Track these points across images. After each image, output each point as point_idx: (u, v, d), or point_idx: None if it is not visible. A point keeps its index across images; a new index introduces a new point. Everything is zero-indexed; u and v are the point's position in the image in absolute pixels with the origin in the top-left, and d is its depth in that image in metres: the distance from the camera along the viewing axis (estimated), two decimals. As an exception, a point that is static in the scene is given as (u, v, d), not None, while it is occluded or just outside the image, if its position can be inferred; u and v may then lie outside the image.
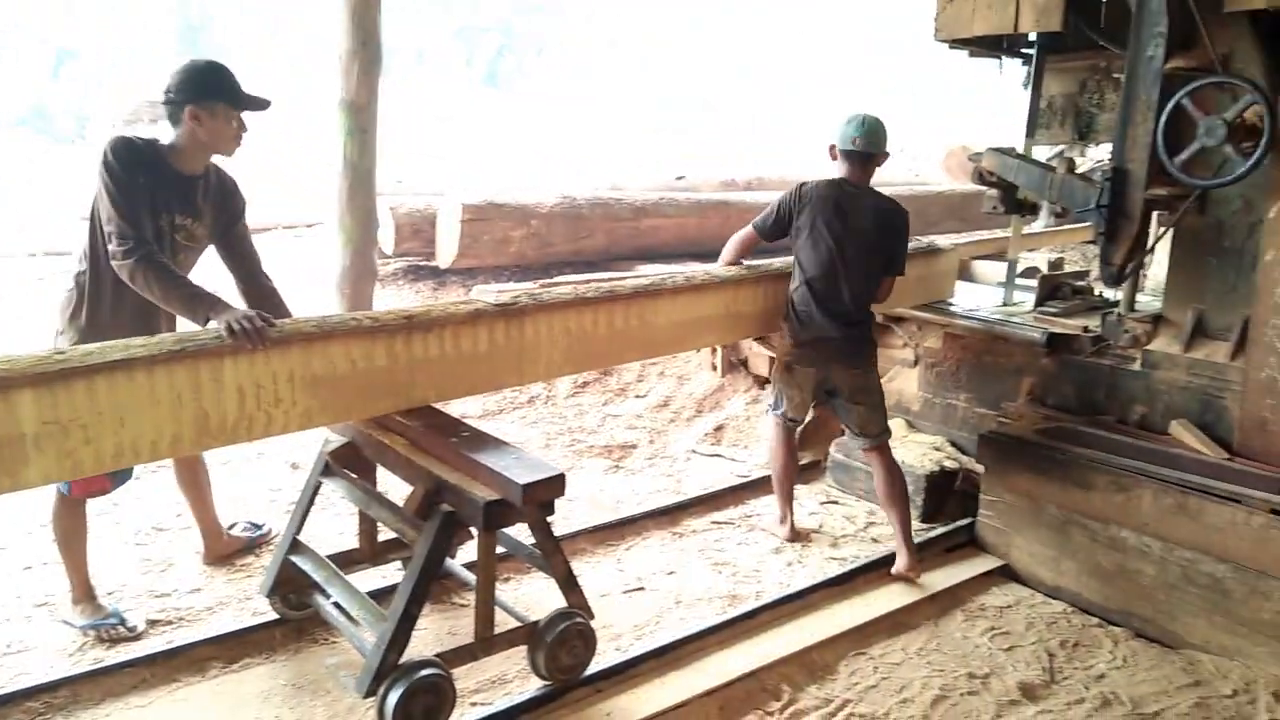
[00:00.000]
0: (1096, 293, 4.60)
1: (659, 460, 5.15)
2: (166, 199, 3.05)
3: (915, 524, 4.14)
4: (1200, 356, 3.65)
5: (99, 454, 2.39)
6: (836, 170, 3.79)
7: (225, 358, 2.54)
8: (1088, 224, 3.93)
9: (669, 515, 4.36)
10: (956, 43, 4.47)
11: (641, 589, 3.71)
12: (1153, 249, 3.85)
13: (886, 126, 3.72)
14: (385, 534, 3.39)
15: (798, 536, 4.12)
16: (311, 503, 3.29)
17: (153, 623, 3.34)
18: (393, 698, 2.58)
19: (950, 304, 4.61)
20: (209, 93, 2.99)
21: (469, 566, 3.32)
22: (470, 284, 6.93)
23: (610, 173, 10.32)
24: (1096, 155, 5.76)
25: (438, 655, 2.76)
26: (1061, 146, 4.84)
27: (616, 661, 3.06)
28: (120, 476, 3.27)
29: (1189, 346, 3.70)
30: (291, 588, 3.25)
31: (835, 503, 4.58)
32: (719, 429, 5.45)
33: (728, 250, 3.99)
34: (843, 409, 3.87)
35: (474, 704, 2.93)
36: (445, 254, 6.96)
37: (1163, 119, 3.39)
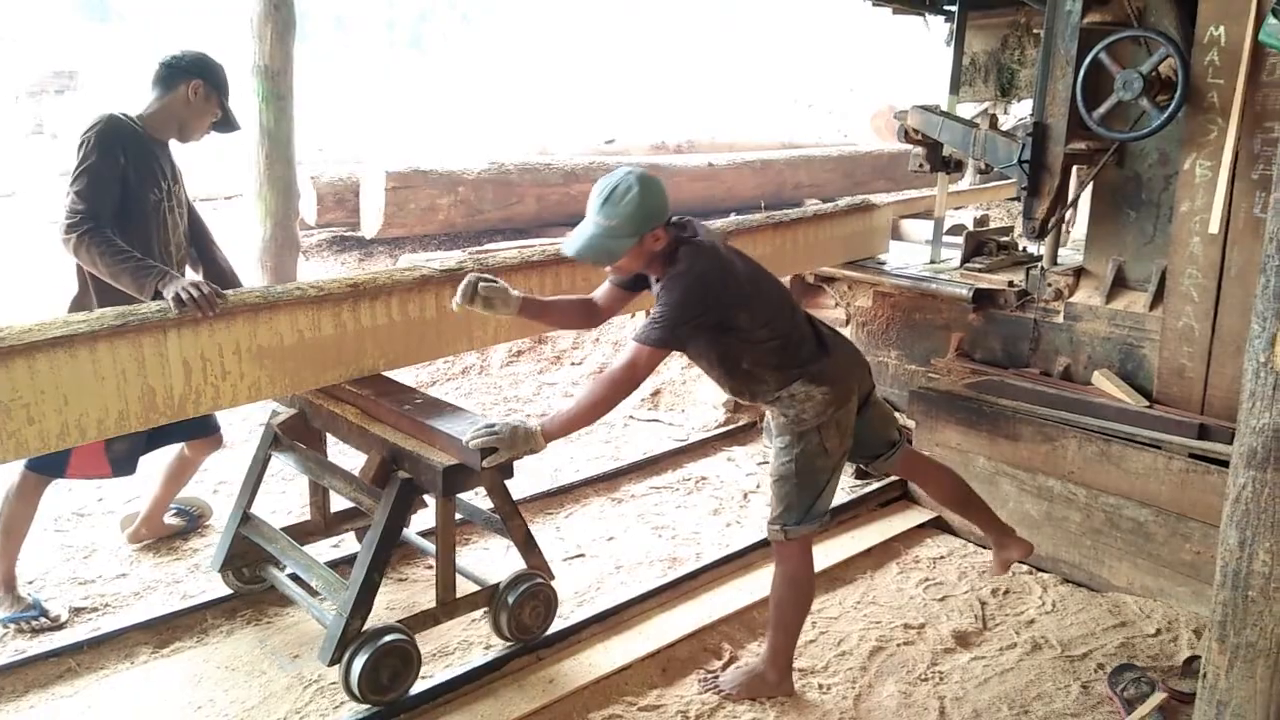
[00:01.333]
0: (1021, 248, 4.68)
1: (596, 427, 5.13)
2: (150, 168, 3.05)
3: (849, 479, 4.20)
4: (1120, 307, 3.74)
5: (43, 433, 2.34)
6: (676, 237, 2.59)
7: (169, 331, 2.49)
8: (1011, 180, 3.99)
9: (608, 481, 4.36)
10: (881, 0, 4.47)
11: (582, 556, 3.70)
12: (1074, 203, 3.92)
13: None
14: (336, 505, 3.35)
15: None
16: (261, 475, 3.24)
17: (77, 610, 3.24)
18: (358, 664, 2.59)
19: (881, 262, 4.65)
20: (216, 81, 3.11)
21: (423, 535, 3.33)
22: (397, 254, 6.81)
23: (539, 137, 10.18)
24: (1019, 111, 5.85)
25: (400, 621, 2.76)
26: (986, 103, 4.89)
27: (558, 629, 3.05)
28: (122, 467, 3.19)
29: (1109, 298, 3.79)
30: (244, 561, 3.23)
31: (771, 462, 4.61)
32: (655, 394, 5.44)
33: (608, 399, 2.55)
34: (864, 428, 2.92)
35: (445, 668, 2.92)
36: (370, 223, 6.81)
37: (1081, 73, 3.44)
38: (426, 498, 2.97)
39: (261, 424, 4.86)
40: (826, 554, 3.65)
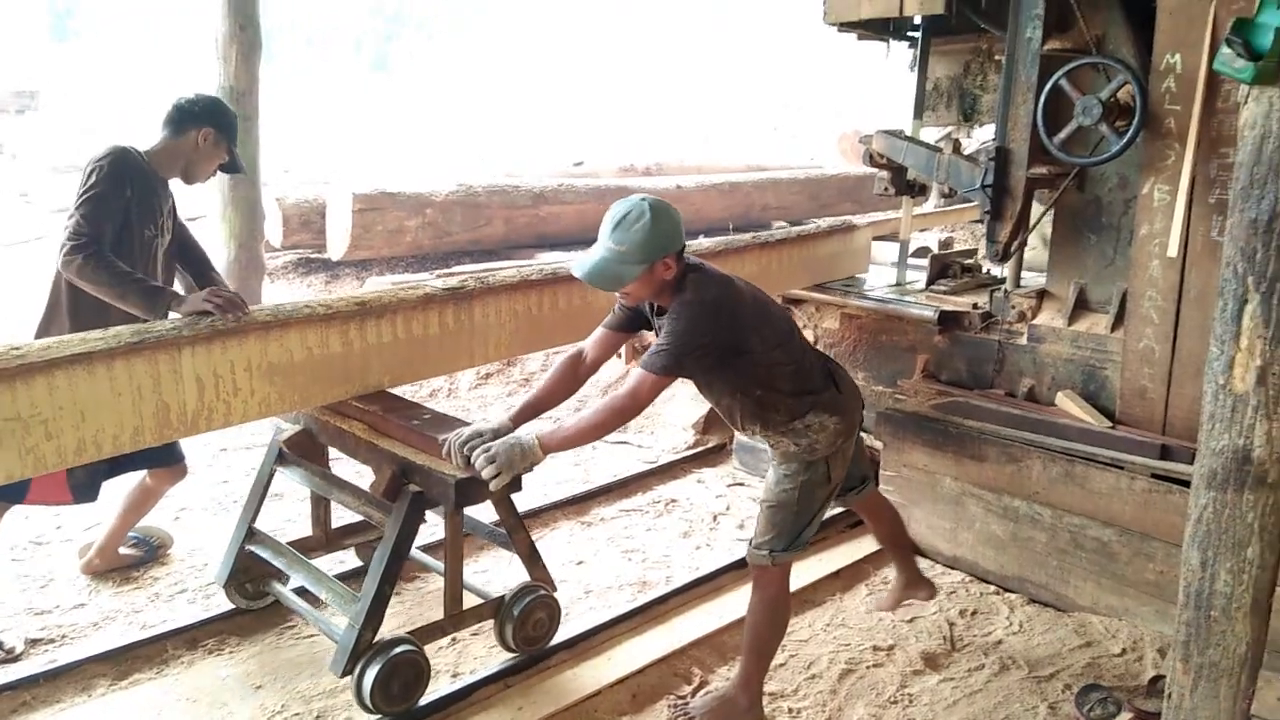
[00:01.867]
0: (984, 270, 4.73)
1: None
2: (151, 205, 3.12)
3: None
4: (1082, 329, 3.79)
5: (61, 449, 2.35)
6: (685, 267, 2.61)
7: (183, 348, 2.53)
8: (974, 203, 4.04)
9: (577, 505, 4.34)
10: (845, 26, 4.52)
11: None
12: (1034, 227, 3.98)
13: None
14: (339, 520, 3.37)
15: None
16: (265, 491, 3.24)
17: (34, 642, 3.16)
18: (370, 675, 2.63)
19: (848, 283, 4.69)
20: (227, 128, 3.22)
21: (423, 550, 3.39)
22: (364, 276, 6.76)
23: (507, 159, 10.18)
24: (982, 136, 5.93)
25: (410, 633, 2.79)
26: (949, 128, 4.96)
27: (527, 655, 3.02)
28: (83, 494, 3.15)
29: (1072, 320, 3.83)
30: (247, 577, 3.27)
31: (741, 484, 4.61)
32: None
33: (608, 423, 2.63)
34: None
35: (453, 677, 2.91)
36: (337, 246, 6.76)
37: (1042, 99, 3.49)
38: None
39: (222, 449, 4.82)
40: (796, 577, 3.60)
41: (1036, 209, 3.94)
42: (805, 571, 3.68)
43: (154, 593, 3.50)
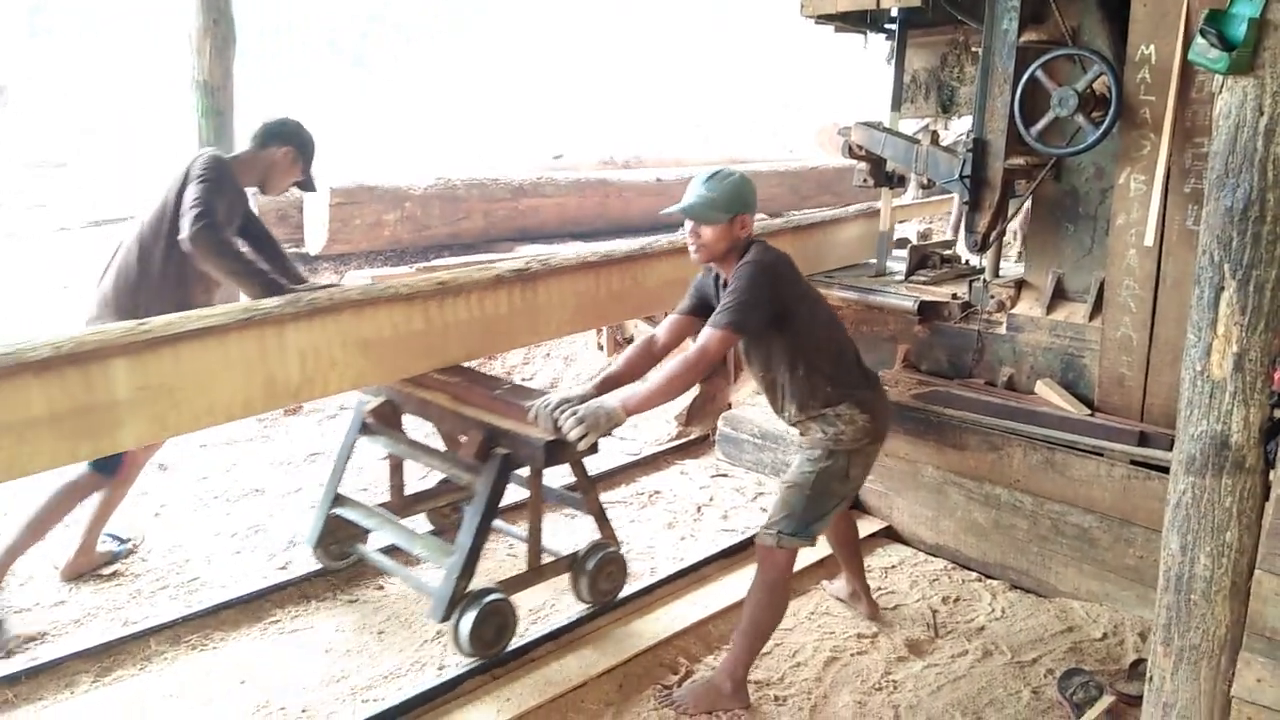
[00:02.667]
0: (964, 261, 4.77)
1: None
2: (235, 208, 3.39)
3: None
4: (1061, 318, 3.82)
5: (182, 417, 2.54)
6: (749, 235, 2.89)
7: (287, 324, 2.72)
8: (953, 194, 4.06)
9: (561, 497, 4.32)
10: (822, 18, 4.53)
11: (535, 573, 3.67)
12: (1013, 217, 4.01)
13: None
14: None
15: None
16: (348, 459, 3.47)
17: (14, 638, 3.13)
18: (466, 621, 2.88)
19: (831, 275, 4.70)
20: (305, 150, 3.52)
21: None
22: (343, 270, 6.72)
23: (486, 153, 10.14)
24: (960, 127, 5.97)
25: (498, 583, 3.03)
26: (927, 119, 4.98)
27: (512, 647, 3.02)
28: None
29: (1050, 309, 3.87)
30: (334, 539, 3.49)
31: (725, 475, 4.63)
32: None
33: (682, 377, 2.75)
34: None
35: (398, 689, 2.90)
36: (315, 240, 6.71)
37: (1019, 91, 3.52)
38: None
39: (202, 445, 4.78)
40: (780, 566, 3.66)
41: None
42: (789, 561, 3.71)
43: (135, 589, 3.48)
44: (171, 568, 3.65)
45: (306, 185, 3.64)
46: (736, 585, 3.52)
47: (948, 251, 4.77)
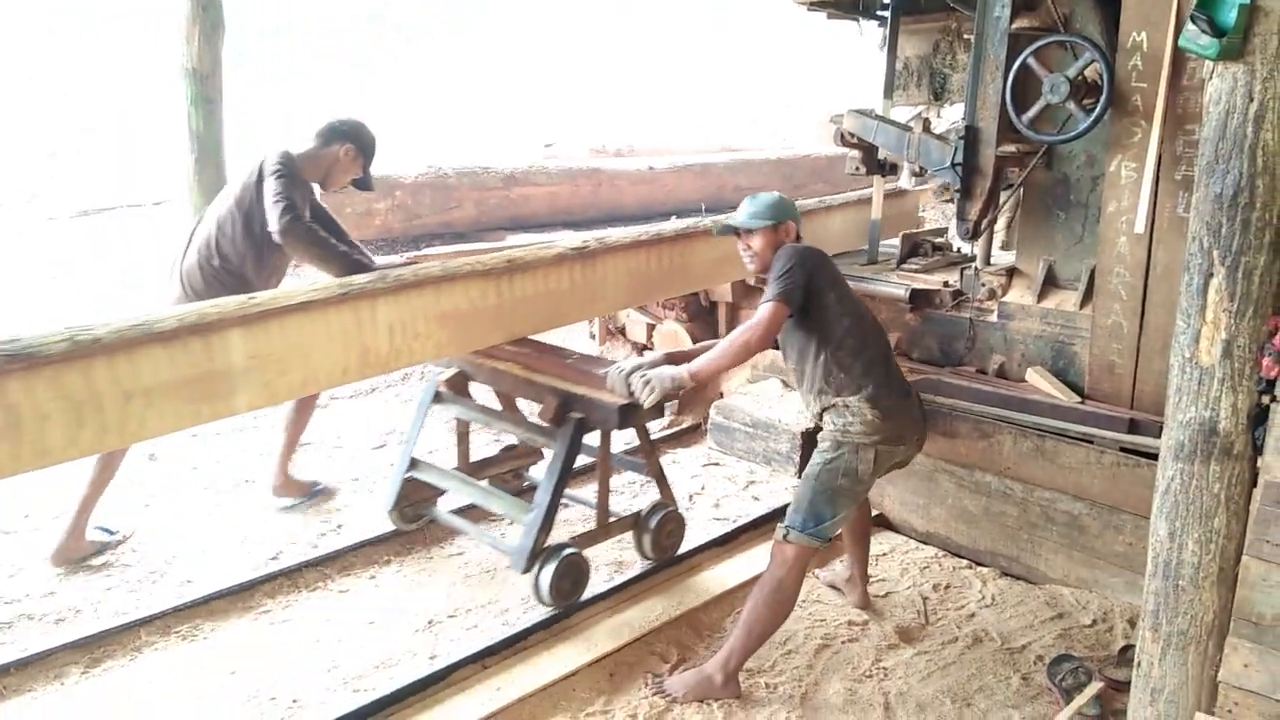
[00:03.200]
0: (955, 249, 4.76)
1: (539, 432, 5.10)
2: (307, 200, 3.66)
3: (789, 478, 4.23)
4: (1052, 306, 3.82)
5: (289, 384, 2.73)
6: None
7: (379, 299, 2.89)
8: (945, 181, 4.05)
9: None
10: (815, 5, 4.52)
11: (526, 562, 3.67)
12: (1004, 204, 4.00)
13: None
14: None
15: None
16: (422, 426, 3.73)
17: (3, 627, 3.13)
18: (546, 572, 3.15)
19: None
20: (366, 148, 3.82)
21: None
22: (335, 260, 6.69)
23: (479, 143, 10.10)
24: (952, 115, 5.95)
25: (571, 539, 3.30)
26: (919, 107, 4.97)
27: (503, 636, 3.02)
28: None
29: (1041, 297, 3.87)
30: (408, 502, 3.73)
31: (716, 464, 4.63)
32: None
33: (744, 344, 2.85)
34: None
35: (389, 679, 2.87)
36: (306, 230, 6.68)
37: (1010, 78, 3.51)
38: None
39: (193, 434, 4.77)
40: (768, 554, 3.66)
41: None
42: (780, 549, 3.71)
43: (125, 579, 3.47)
44: (161, 558, 3.64)
45: (364, 184, 3.92)
46: (728, 574, 3.53)
47: (939, 239, 4.77)
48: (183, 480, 4.34)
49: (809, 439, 4.31)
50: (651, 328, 5.44)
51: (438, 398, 3.69)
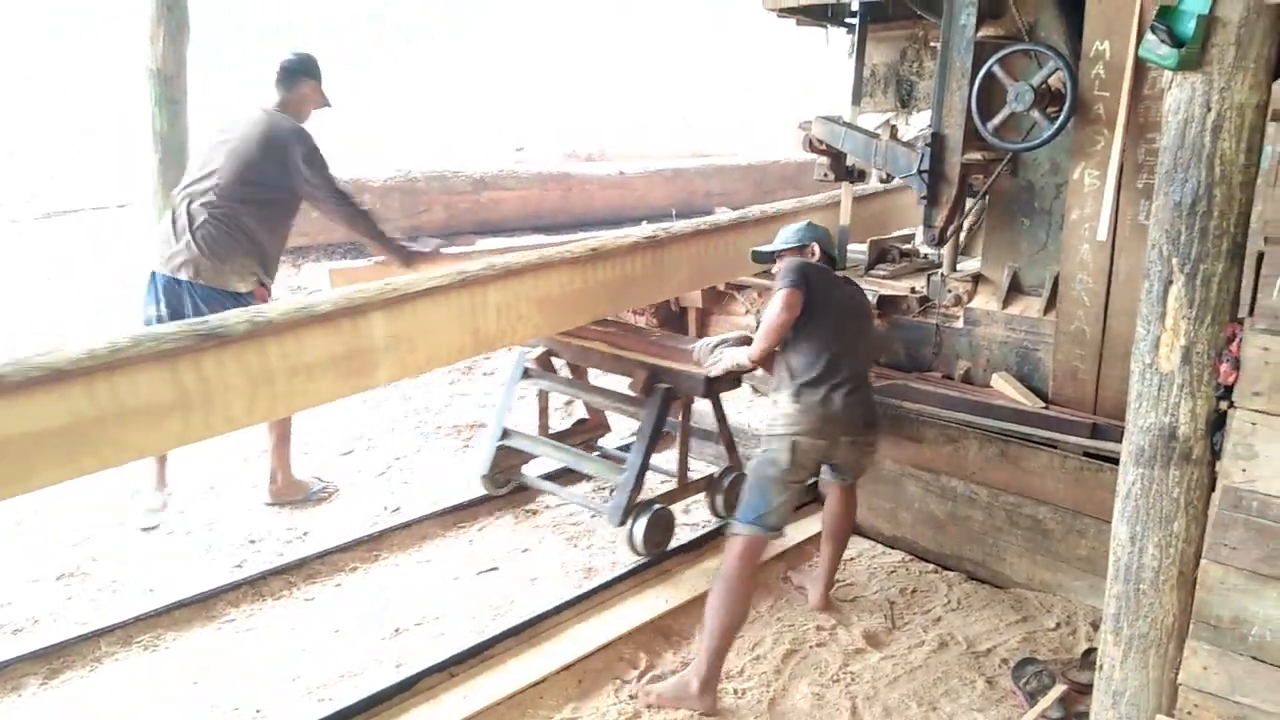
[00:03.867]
0: (922, 255, 4.80)
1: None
2: None
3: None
4: (1016, 312, 3.86)
5: (418, 360, 3.02)
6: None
7: (489, 284, 3.14)
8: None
9: (521, 493, 4.31)
10: (784, 11, 4.54)
11: (495, 569, 3.65)
12: (969, 211, 4.04)
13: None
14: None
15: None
16: (512, 400, 4.15)
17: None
18: (639, 525, 3.56)
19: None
20: (320, 77, 4.02)
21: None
22: (300, 263, 6.64)
23: (447, 144, 10.05)
24: (919, 122, 6.00)
25: (657, 496, 3.73)
26: (887, 114, 5.00)
27: (471, 645, 3.00)
28: None
29: (1006, 303, 3.91)
30: (499, 469, 4.11)
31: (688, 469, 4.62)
32: (569, 403, 5.41)
33: (772, 328, 3.07)
34: (836, 468, 3.33)
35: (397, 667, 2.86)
36: (273, 233, 6.61)
37: (976, 86, 3.54)
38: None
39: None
40: (740, 559, 3.67)
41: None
42: (749, 554, 3.71)
43: (85, 588, 3.41)
44: (123, 566, 3.58)
45: (326, 104, 4.08)
46: (698, 579, 3.52)
47: (906, 246, 4.80)
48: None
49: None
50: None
51: (526, 373, 4.12)
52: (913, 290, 4.20)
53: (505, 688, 2.86)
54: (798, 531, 3.89)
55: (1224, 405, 2.01)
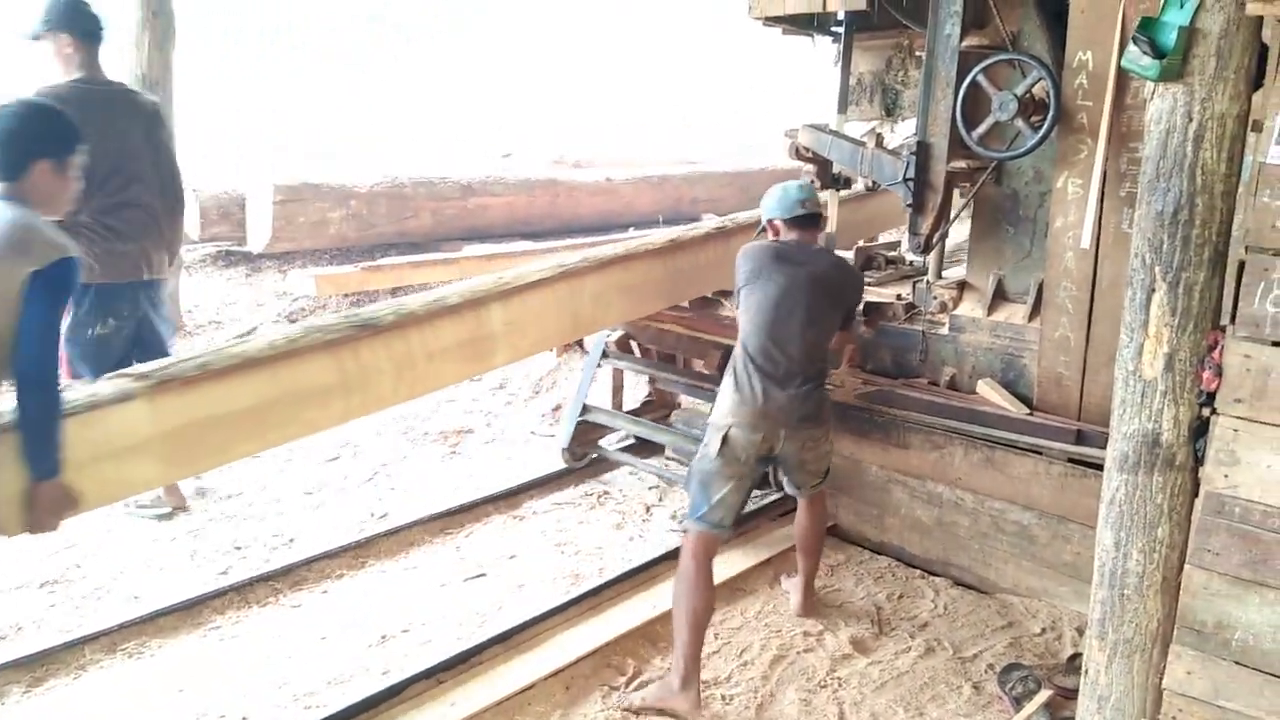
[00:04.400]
0: (908, 262, 4.82)
1: (497, 444, 5.08)
2: None
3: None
4: (1001, 319, 3.88)
5: (529, 344, 3.45)
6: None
7: (586, 275, 3.54)
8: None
9: (509, 498, 4.31)
10: (770, 20, 4.55)
11: (483, 575, 3.65)
12: (954, 219, 4.07)
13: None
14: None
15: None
16: (592, 379, 4.44)
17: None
18: None
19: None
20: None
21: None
22: (286, 269, 6.62)
23: (434, 151, 10.04)
24: (905, 130, 6.04)
25: None
26: (873, 122, 5.03)
27: (458, 651, 2.99)
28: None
29: (991, 310, 3.93)
30: (578, 443, 4.44)
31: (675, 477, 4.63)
32: (556, 408, 5.42)
33: None
34: (784, 467, 3.30)
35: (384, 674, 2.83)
36: (258, 238, 6.60)
37: (960, 95, 3.57)
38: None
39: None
40: (728, 565, 3.68)
41: (956, 201, 4.02)
42: (737, 560, 3.72)
43: (69, 595, 3.39)
44: (107, 573, 3.56)
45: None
46: (684, 585, 3.53)
47: (892, 253, 4.83)
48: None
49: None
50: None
51: (605, 354, 4.44)
52: (899, 297, 4.22)
53: (493, 695, 2.85)
54: (776, 542, 3.91)
55: (1206, 412, 2.03)
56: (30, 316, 2.28)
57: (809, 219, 3.22)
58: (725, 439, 2.97)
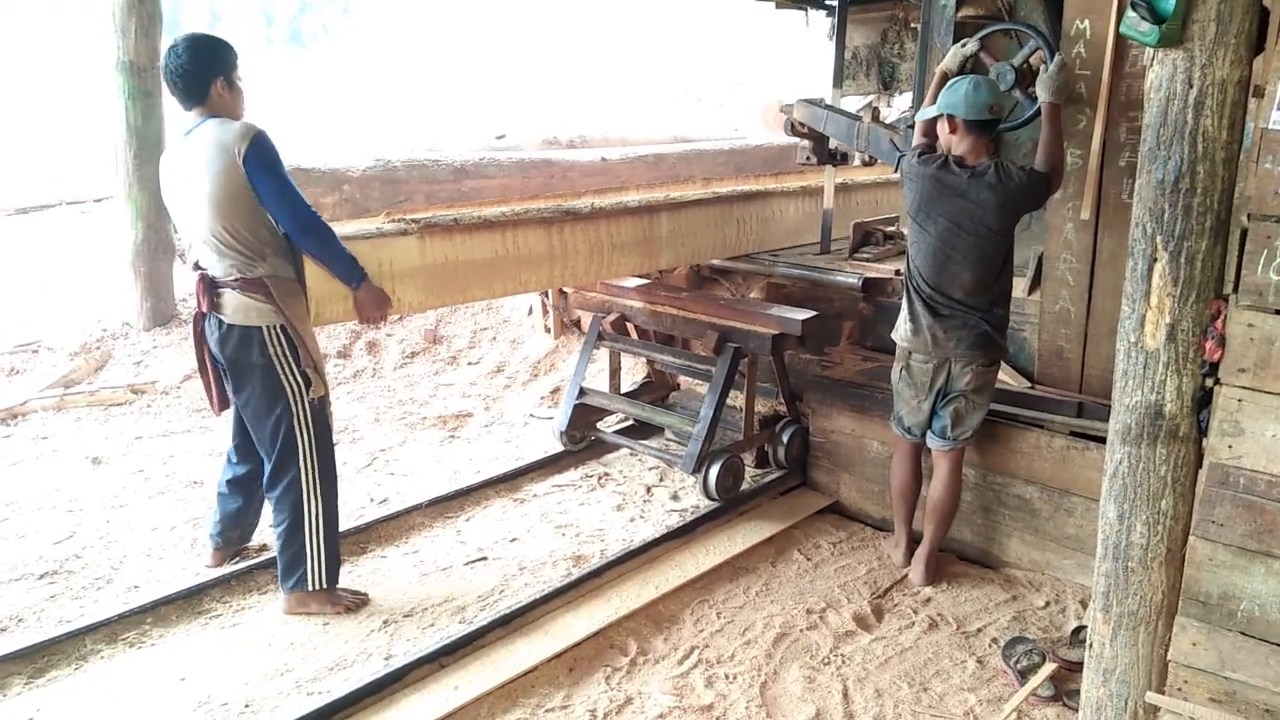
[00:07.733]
0: (906, 237, 4.78)
1: (496, 427, 5.07)
2: None
3: (749, 469, 4.26)
4: (1001, 292, 3.85)
5: (689, 254, 4.29)
6: (956, 146, 3.21)
7: (735, 203, 4.42)
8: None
9: (509, 482, 4.30)
10: (764, -6, 4.51)
11: (484, 559, 3.64)
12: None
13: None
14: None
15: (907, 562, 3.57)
16: (588, 362, 4.46)
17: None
18: (713, 472, 3.88)
19: (775, 254, 4.71)
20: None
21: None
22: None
23: (427, 133, 9.97)
24: (901, 104, 5.99)
25: (726, 446, 4.00)
26: (869, 96, 4.99)
27: (460, 634, 2.99)
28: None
29: (991, 283, 3.90)
30: (575, 427, 4.44)
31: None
32: (555, 391, 5.40)
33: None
34: (949, 400, 3.36)
35: (344, 680, 2.82)
36: (253, 225, 6.54)
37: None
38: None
39: (138, 437, 4.66)
40: (730, 543, 3.68)
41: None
42: (739, 538, 3.72)
43: (69, 586, 3.38)
44: (108, 563, 3.55)
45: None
46: (686, 564, 3.52)
47: (890, 228, 4.80)
48: (130, 484, 4.24)
49: (765, 425, 4.32)
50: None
51: (600, 336, 4.44)
52: (897, 273, 4.19)
53: (496, 678, 2.85)
54: (778, 520, 3.91)
55: (1210, 382, 2.01)
56: (266, 189, 2.88)
57: (990, 125, 3.17)
58: (906, 366, 3.39)
